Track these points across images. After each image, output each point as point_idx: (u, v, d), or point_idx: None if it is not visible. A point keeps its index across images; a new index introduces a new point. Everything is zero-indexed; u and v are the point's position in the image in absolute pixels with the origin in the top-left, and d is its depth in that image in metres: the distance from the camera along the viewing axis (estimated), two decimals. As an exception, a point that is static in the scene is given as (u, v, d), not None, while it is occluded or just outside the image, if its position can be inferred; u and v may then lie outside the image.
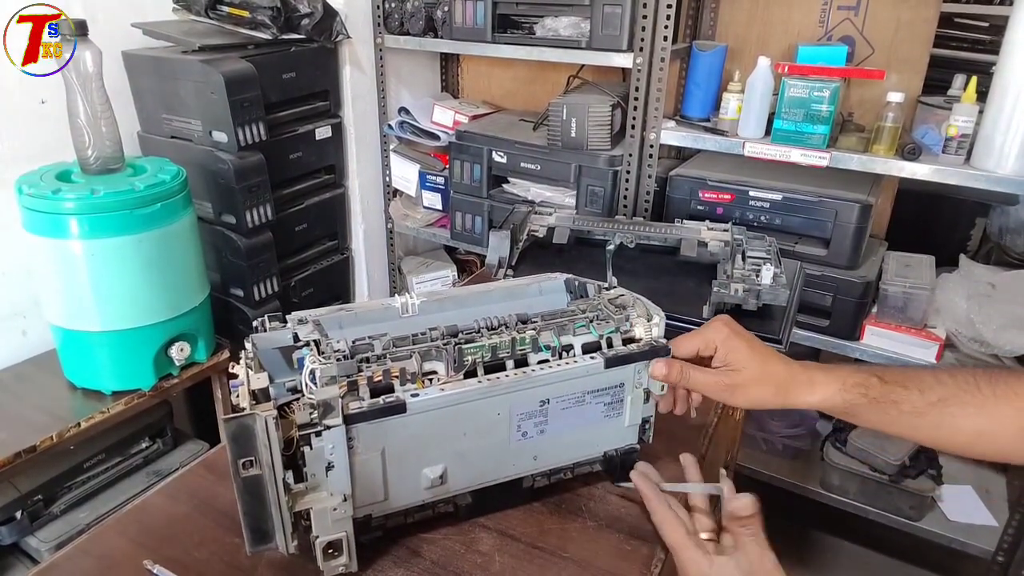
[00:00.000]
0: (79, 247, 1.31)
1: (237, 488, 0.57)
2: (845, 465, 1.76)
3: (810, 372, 0.69)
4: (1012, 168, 1.36)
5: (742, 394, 0.69)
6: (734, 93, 1.64)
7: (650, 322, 0.73)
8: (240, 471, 0.57)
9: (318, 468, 0.60)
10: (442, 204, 2.11)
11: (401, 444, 0.63)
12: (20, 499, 1.37)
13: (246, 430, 0.56)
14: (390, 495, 0.65)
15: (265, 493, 0.58)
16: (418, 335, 0.68)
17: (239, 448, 0.56)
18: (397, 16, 1.95)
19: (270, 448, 0.56)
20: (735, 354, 0.70)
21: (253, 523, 0.59)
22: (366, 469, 0.62)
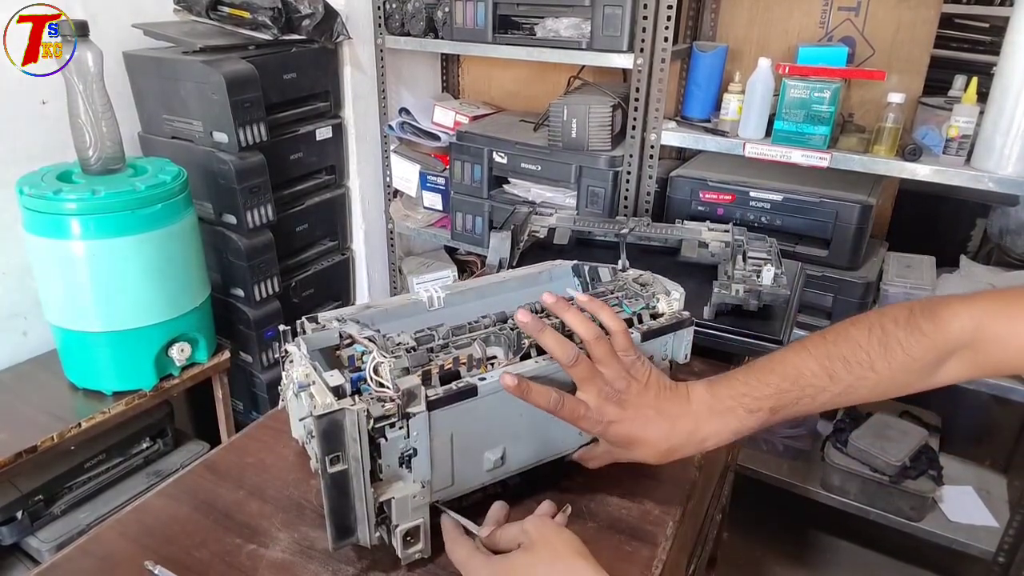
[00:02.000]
0: (80, 247, 1.31)
1: (324, 484, 0.58)
2: (846, 466, 1.76)
3: (704, 429, 0.66)
4: (1013, 169, 1.37)
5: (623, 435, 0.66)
6: (735, 94, 1.64)
7: (670, 297, 0.78)
8: (327, 467, 0.58)
9: (392, 459, 0.62)
10: (442, 204, 2.11)
11: (468, 429, 0.65)
12: (21, 499, 1.37)
13: (336, 425, 0.57)
14: (456, 479, 0.67)
15: (350, 487, 0.60)
16: (472, 323, 0.72)
17: (328, 444, 0.57)
18: (398, 17, 1.95)
19: (359, 442, 0.58)
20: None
21: (338, 519, 0.61)
22: (438, 455, 0.64)
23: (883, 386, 0.65)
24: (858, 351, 0.64)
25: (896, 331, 0.64)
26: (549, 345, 0.65)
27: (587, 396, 0.65)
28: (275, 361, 1.84)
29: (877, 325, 0.65)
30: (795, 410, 0.66)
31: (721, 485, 1.22)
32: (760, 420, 0.66)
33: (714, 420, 0.66)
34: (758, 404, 0.65)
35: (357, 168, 2.07)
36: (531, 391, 0.63)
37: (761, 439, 1.96)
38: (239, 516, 0.72)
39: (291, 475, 0.78)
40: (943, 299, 0.65)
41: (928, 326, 0.63)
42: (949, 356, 0.64)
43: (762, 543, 1.99)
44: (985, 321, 0.62)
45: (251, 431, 0.87)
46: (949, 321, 0.63)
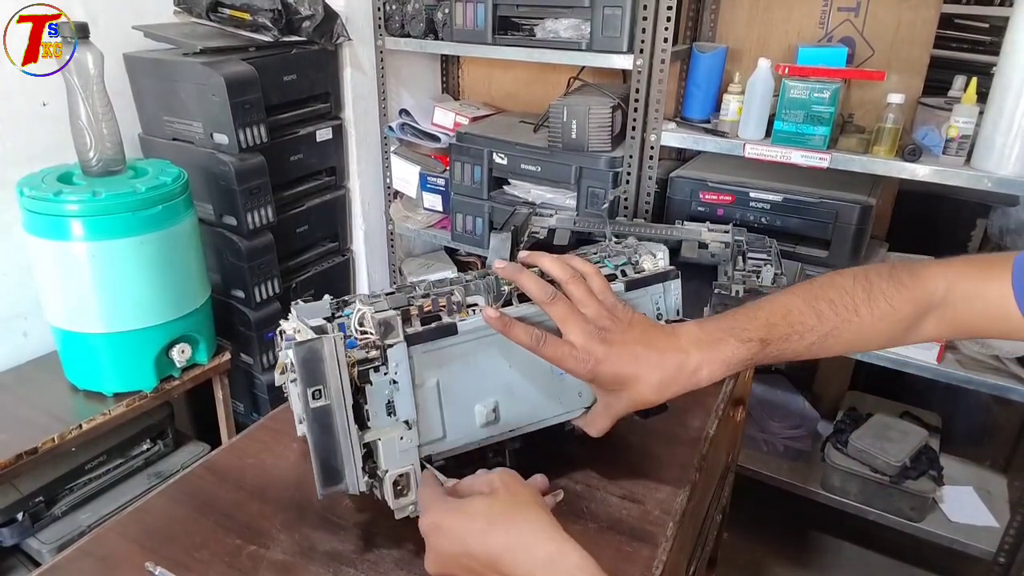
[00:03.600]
0: (80, 249, 1.31)
1: (308, 421, 0.59)
2: (846, 466, 1.76)
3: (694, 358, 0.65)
4: (1012, 169, 1.37)
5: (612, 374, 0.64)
6: (734, 94, 1.64)
7: (656, 256, 0.79)
8: (310, 401, 0.58)
9: (379, 406, 0.62)
10: (443, 206, 2.11)
11: (455, 377, 0.66)
12: (21, 501, 1.37)
13: (315, 354, 0.57)
14: (447, 432, 0.67)
15: (335, 425, 0.60)
16: (453, 278, 0.73)
17: (309, 374, 0.57)
18: (398, 18, 1.95)
19: (339, 374, 0.58)
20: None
21: (324, 459, 0.60)
22: (424, 400, 0.65)
23: (865, 333, 0.67)
24: (843, 295, 0.66)
25: (879, 281, 0.66)
26: (526, 285, 0.65)
27: (571, 336, 0.64)
28: (276, 362, 1.83)
29: (861, 275, 0.68)
30: (785, 347, 0.66)
31: (721, 486, 1.22)
32: (751, 351, 0.65)
33: (704, 350, 0.65)
34: (748, 335, 0.65)
35: (357, 169, 2.07)
36: (512, 326, 0.63)
37: (761, 439, 1.96)
38: (240, 517, 0.72)
39: (292, 476, 0.78)
40: (922, 262, 0.69)
41: (908, 280, 0.66)
42: (926, 313, 0.67)
43: (762, 544, 1.99)
44: (957, 282, 0.66)
45: (252, 432, 0.87)
46: (926, 278, 0.66)
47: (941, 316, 0.67)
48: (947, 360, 1.56)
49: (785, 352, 0.66)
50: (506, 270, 0.66)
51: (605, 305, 0.66)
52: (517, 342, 0.64)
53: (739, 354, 0.65)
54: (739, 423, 1.28)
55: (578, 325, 0.64)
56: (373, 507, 0.74)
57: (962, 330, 0.69)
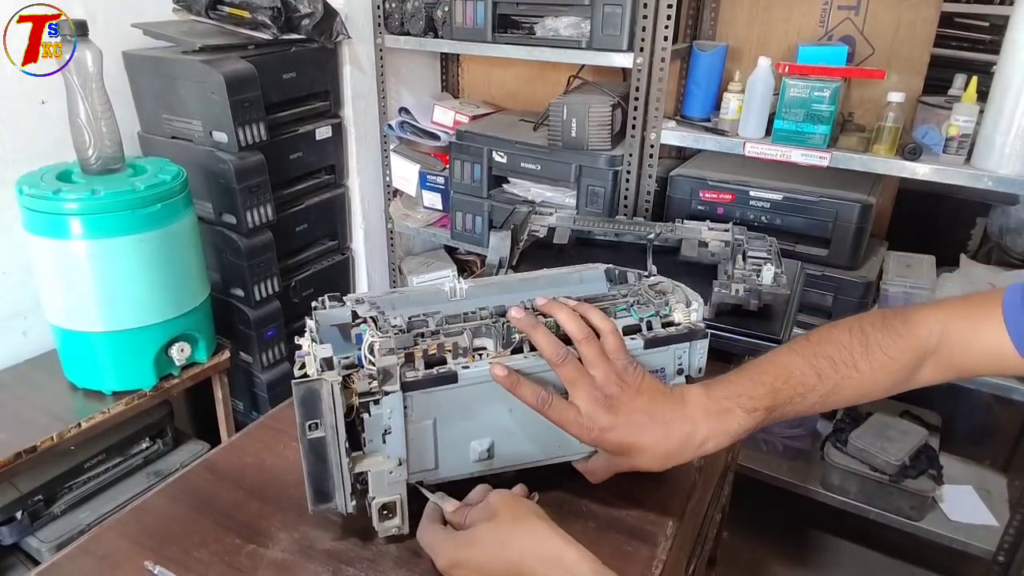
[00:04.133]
0: (80, 247, 1.31)
1: (303, 449, 0.62)
2: (845, 465, 1.76)
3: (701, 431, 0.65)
4: (1012, 168, 1.36)
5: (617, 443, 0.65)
6: (734, 93, 1.64)
7: (689, 308, 0.74)
8: (306, 433, 0.61)
9: (375, 434, 0.64)
10: (442, 204, 2.11)
11: (451, 415, 0.66)
12: (21, 499, 1.37)
13: (313, 394, 0.61)
14: (440, 464, 0.68)
15: (328, 454, 0.63)
16: (468, 314, 0.72)
17: (306, 410, 0.61)
18: (397, 16, 1.95)
19: (335, 411, 0.61)
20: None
21: (316, 483, 0.64)
22: (419, 436, 0.66)
23: (866, 386, 0.68)
24: (842, 350, 0.67)
25: (874, 332, 0.68)
26: (539, 342, 0.65)
27: (578, 400, 0.64)
28: (275, 361, 1.84)
29: (856, 327, 0.69)
30: (788, 410, 0.67)
31: (721, 485, 1.22)
32: (757, 420, 0.66)
33: (711, 422, 0.65)
34: (754, 404, 0.66)
35: (357, 168, 2.07)
36: (520, 384, 0.64)
37: (761, 439, 1.95)
38: (239, 516, 0.72)
39: (291, 475, 0.78)
40: (913, 306, 0.70)
41: (902, 328, 0.67)
42: (923, 360, 0.68)
43: (762, 543, 1.99)
44: (950, 325, 0.67)
45: (251, 431, 0.87)
46: (918, 324, 0.68)
47: (938, 361, 0.68)
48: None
49: (788, 414, 0.67)
50: (522, 322, 0.66)
51: (615, 369, 0.66)
52: (523, 401, 0.64)
53: (745, 424, 0.65)
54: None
55: (586, 390, 0.64)
56: (372, 506, 0.74)
57: (960, 371, 0.69)
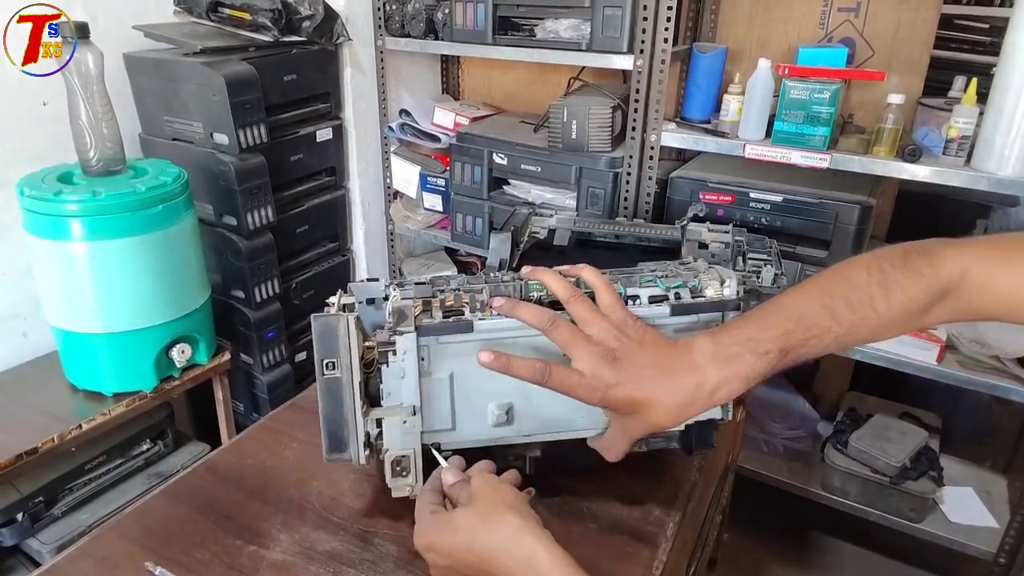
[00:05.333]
0: (80, 249, 1.31)
1: (320, 391, 0.62)
2: (846, 467, 1.76)
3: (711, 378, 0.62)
4: (1013, 170, 1.36)
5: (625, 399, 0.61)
6: (734, 95, 1.64)
7: (723, 284, 0.72)
8: (323, 373, 0.62)
9: (393, 387, 0.64)
10: (443, 206, 2.11)
11: (469, 373, 0.66)
12: (21, 501, 1.37)
13: (331, 330, 0.61)
14: (458, 425, 0.67)
15: (343, 397, 0.63)
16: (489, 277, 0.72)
17: (323, 347, 0.61)
18: (398, 18, 1.95)
19: (351, 350, 0.62)
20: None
21: (331, 428, 0.64)
22: (435, 390, 0.66)
23: (883, 327, 0.63)
24: (859, 292, 0.63)
25: (894, 272, 0.63)
26: (524, 316, 0.63)
27: (578, 362, 0.61)
28: (276, 363, 1.84)
29: (875, 267, 0.63)
30: (803, 352, 0.62)
31: (721, 486, 1.22)
32: (770, 363, 0.61)
33: (721, 368, 0.61)
34: (765, 347, 0.62)
35: (357, 169, 2.07)
36: (512, 364, 0.61)
37: (762, 440, 1.95)
38: (239, 517, 0.72)
39: (291, 476, 0.78)
40: (936, 242, 0.65)
41: (926, 268, 0.63)
42: (940, 299, 0.64)
43: (762, 544, 1.98)
44: (972, 267, 0.62)
45: (251, 432, 0.87)
46: (942, 264, 0.63)
47: (955, 301, 0.64)
48: (947, 360, 1.56)
49: (802, 357, 0.63)
50: (504, 306, 0.65)
51: (613, 322, 0.63)
52: (521, 379, 0.62)
53: (758, 368, 0.61)
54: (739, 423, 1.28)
55: (584, 349, 0.61)
56: (373, 507, 0.75)
57: (976, 314, 0.65)
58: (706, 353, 0.62)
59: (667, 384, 0.61)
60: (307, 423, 0.86)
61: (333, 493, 0.76)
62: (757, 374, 0.62)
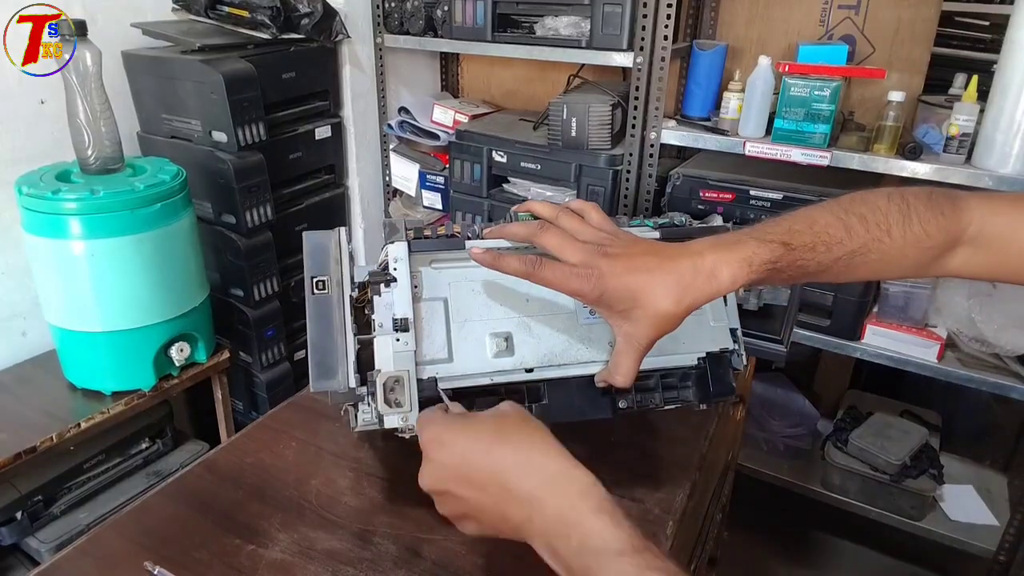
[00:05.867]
0: (79, 247, 1.31)
1: (309, 312, 0.60)
2: (846, 465, 1.76)
3: (709, 258, 0.58)
4: (1013, 167, 1.36)
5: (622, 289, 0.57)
6: (735, 92, 1.64)
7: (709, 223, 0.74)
8: (313, 291, 0.60)
9: (385, 317, 0.62)
10: (442, 204, 2.10)
11: (464, 297, 0.64)
12: (20, 500, 1.37)
13: (322, 247, 0.61)
14: (455, 356, 0.64)
15: (333, 317, 0.61)
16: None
17: (314, 264, 0.60)
18: (397, 15, 1.95)
19: (341, 265, 0.61)
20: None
21: (319, 354, 0.61)
22: (430, 313, 0.63)
23: (894, 257, 0.61)
24: (876, 212, 0.61)
25: (916, 204, 0.61)
26: (513, 231, 0.63)
27: (570, 257, 0.59)
28: (275, 361, 1.83)
29: (897, 195, 0.62)
30: (809, 257, 0.59)
31: (721, 484, 1.22)
32: (773, 252, 0.58)
33: (720, 250, 0.58)
34: (769, 237, 0.59)
35: (356, 167, 2.06)
36: (501, 258, 0.59)
37: (762, 439, 1.95)
38: (238, 516, 0.72)
39: (291, 476, 0.78)
40: (960, 191, 0.63)
41: (948, 208, 0.61)
42: (955, 246, 0.62)
43: (763, 542, 1.99)
44: (993, 219, 0.61)
45: (250, 431, 0.87)
46: (964, 210, 0.62)
47: (973, 253, 0.62)
48: (947, 358, 1.56)
49: (809, 264, 0.59)
50: (491, 231, 0.65)
51: (604, 231, 0.62)
52: (511, 273, 0.59)
53: (760, 254, 0.57)
54: (739, 422, 1.28)
55: (575, 245, 0.59)
56: (372, 506, 0.74)
57: (993, 270, 0.64)
58: (703, 243, 0.60)
59: (664, 267, 0.58)
60: (306, 422, 0.86)
61: (332, 492, 0.76)
62: (759, 259, 0.58)
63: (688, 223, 0.75)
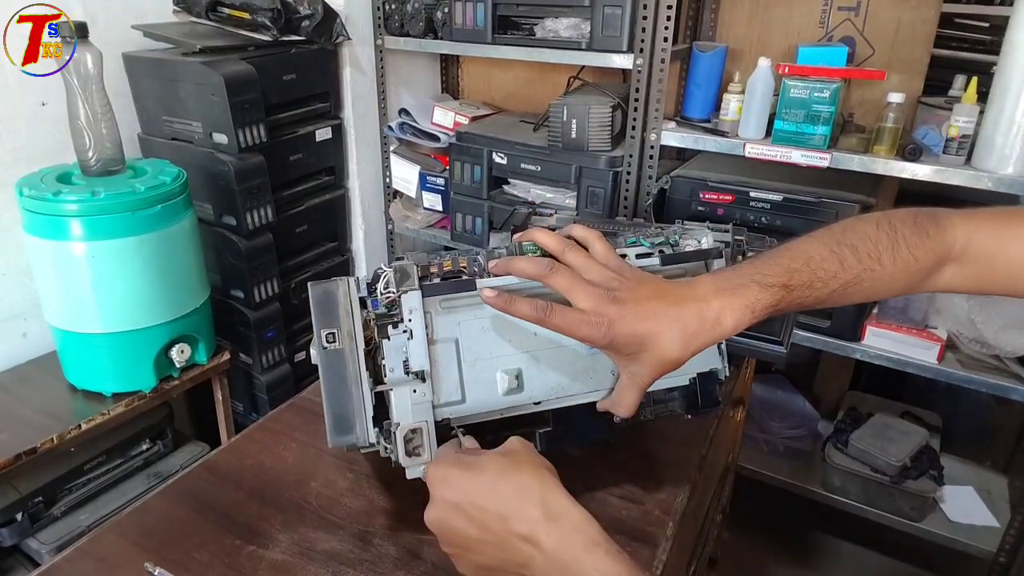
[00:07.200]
0: (80, 249, 1.31)
1: (321, 368, 0.59)
2: (846, 466, 1.76)
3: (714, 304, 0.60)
4: (1013, 169, 1.36)
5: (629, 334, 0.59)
6: (734, 94, 1.64)
7: (700, 242, 0.74)
8: (324, 346, 0.58)
9: (396, 361, 0.61)
10: (442, 205, 2.11)
11: (474, 336, 0.64)
12: (20, 501, 1.37)
13: (330, 296, 0.59)
14: (467, 396, 0.64)
15: (347, 371, 0.60)
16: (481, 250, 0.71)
17: (323, 315, 0.58)
18: (397, 17, 1.95)
19: (352, 316, 0.59)
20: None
21: (336, 408, 0.60)
22: (442, 357, 0.63)
23: (886, 282, 0.64)
24: (867, 241, 0.63)
25: (903, 229, 0.64)
26: (520, 267, 0.62)
27: (579, 302, 0.60)
28: (275, 363, 1.84)
29: (885, 222, 0.64)
30: (807, 295, 0.62)
31: (722, 485, 1.22)
32: (775, 296, 0.60)
33: (725, 296, 0.60)
34: (770, 280, 0.61)
35: (357, 169, 2.07)
36: (514, 301, 0.60)
37: (762, 439, 1.95)
38: (239, 517, 0.72)
39: (291, 477, 0.78)
40: (944, 210, 0.66)
41: (932, 230, 0.64)
42: (944, 264, 0.65)
43: (763, 543, 1.98)
44: (978, 236, 0.64)
45: (251, 432, 0.87)
46: (948, 228, 0.64)
47: (960, 269, 0.65)
48: (947, 360, 1.56)
49: (806, 300, 0.62)
50: (498, 266, 0.64)
51: (610, 267, 0.63)
52: (522, 318, 0.60)
53: (763, 299, 0.60)
54: (739, 423, 1.28)
55: (585, 290, 0.60)
56: (372, 507, 0.74)
57: (981, 284, 0.66)
58: (708, 286, 0.62)
59: (671, 314, 0.60)
60: (306, 423, 0.86)
61: (332, 493, 0.76)
62: (762, 305, 0.60)
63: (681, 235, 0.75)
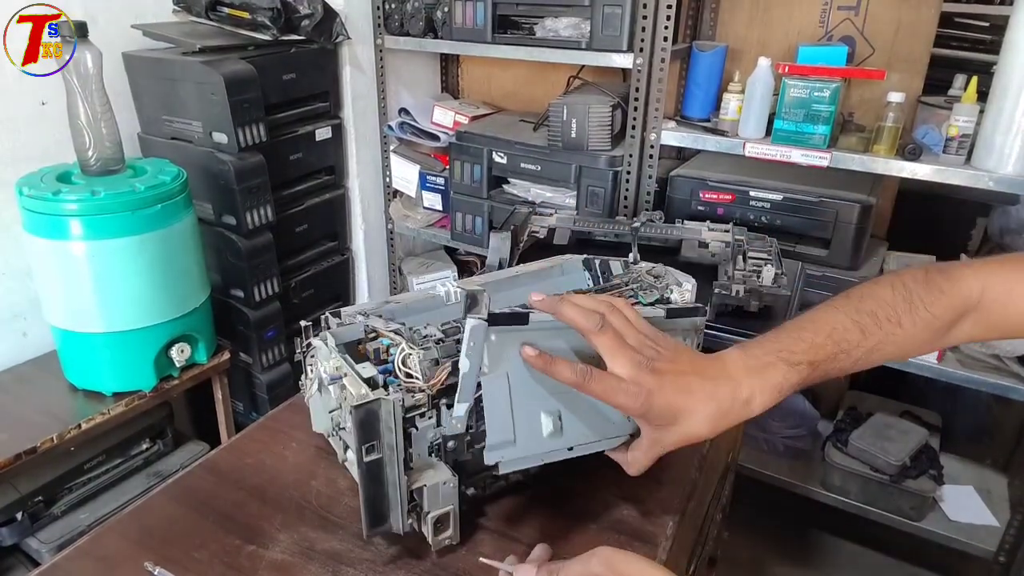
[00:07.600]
0: (79, 248, 1.31)
1: (361, 473, 0.60)
2: (846, 465, 1.76)
3: (745, 386, 0.62)
4: (1013, 168, 1.36)
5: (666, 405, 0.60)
6: (734, 93, 1.64)
7: (682, 287, 0.79)
8: (363, 457, 0.60)
9: (422, 448, 0.64)
10: (442, 205, 2.11)
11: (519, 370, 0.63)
12: (21, 500, 1.37)
13: (372, 415, 0.59)
14: (518, 438, 0.65)
15: (384, 476, 0.61)
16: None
17: (365, 433, 0.59)
18: (397, 17, 1.95)
19: (394, 431, 0.60)
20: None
21: (372, 507, 0.62)
22: (495, 392, 0.63)
23: (907, 343, 0.65)
24: (885, 307, 0.64)
25: (917, 288, 0.65)
26: (570, 316, 0.61)
27: (618, 368, 0.60)
28: (275, 362, 1.84)
29: (899, 283, 0.66)
30: (833, 366, 0.63)
31: (722, 485, 1.22)
32: (801, 375, 0.62)
33: (754, 377, 0.62)
34: (796, 358, 0.62)
35: (357, 168, 2.07)
36: (554, 362, 0.60)
37: (762, 439, 1.95)
38: (239, 517, 0.72)
39: (291, 476, 0.78)
40: (954, 263, 0.68)
41: (945, 285, 0.65)
42: (963, 317, 0.66)
43: (763, 543, 1.99)
44: (990, 284, 0.65)
45: (251, 432, 0.87)
46: (960, 281, 0.65)
47: (977, 319, 0.66)
48: (947, 359, 1.56)
49: (831, 371, 0.64)
50: (544, 303, 0.63)
51: (646, 334, 0.63)
52: (561, 380, 0.60)
53: (790, 379, 0.62)
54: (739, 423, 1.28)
55: (626, 356, 0.60)
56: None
57: (998, 331, 0.68)
58: (738, 363, 0.63)
59: (706, 391, 0.61)
60: (306, 423, 0.85)
61: (332, 492, 0.76)
62: (790, 384, 0.62)
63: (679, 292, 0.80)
